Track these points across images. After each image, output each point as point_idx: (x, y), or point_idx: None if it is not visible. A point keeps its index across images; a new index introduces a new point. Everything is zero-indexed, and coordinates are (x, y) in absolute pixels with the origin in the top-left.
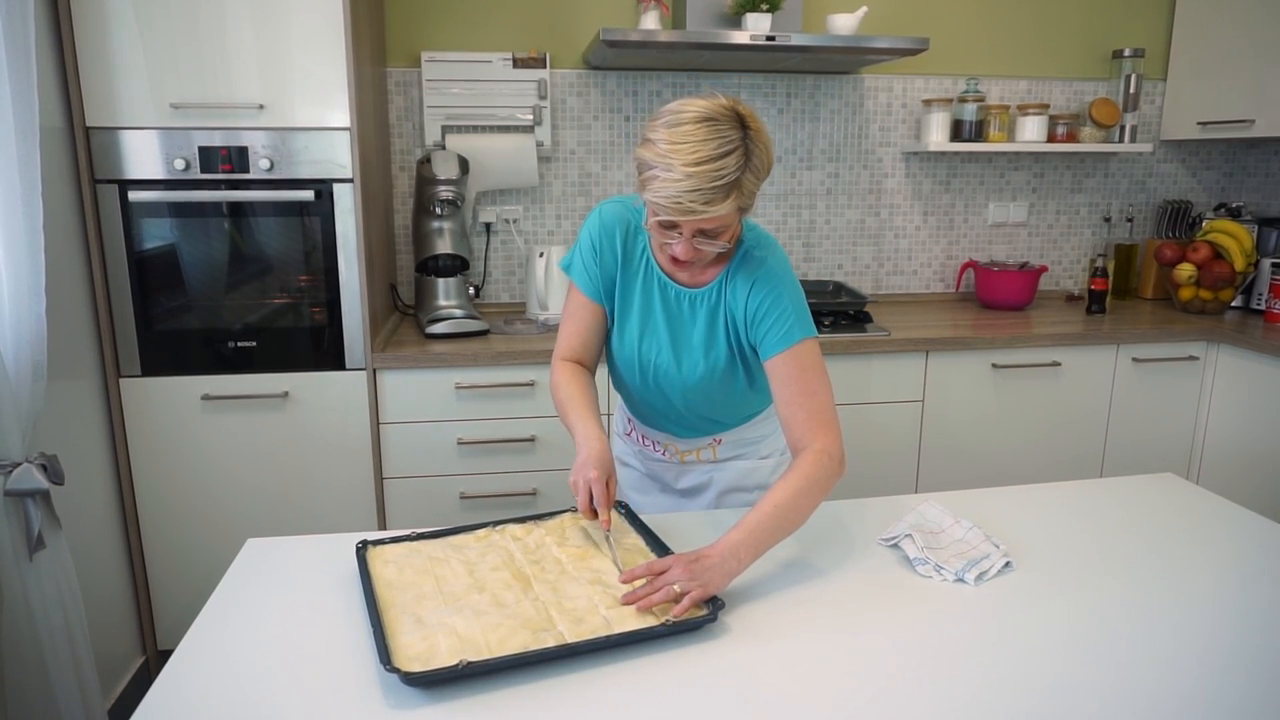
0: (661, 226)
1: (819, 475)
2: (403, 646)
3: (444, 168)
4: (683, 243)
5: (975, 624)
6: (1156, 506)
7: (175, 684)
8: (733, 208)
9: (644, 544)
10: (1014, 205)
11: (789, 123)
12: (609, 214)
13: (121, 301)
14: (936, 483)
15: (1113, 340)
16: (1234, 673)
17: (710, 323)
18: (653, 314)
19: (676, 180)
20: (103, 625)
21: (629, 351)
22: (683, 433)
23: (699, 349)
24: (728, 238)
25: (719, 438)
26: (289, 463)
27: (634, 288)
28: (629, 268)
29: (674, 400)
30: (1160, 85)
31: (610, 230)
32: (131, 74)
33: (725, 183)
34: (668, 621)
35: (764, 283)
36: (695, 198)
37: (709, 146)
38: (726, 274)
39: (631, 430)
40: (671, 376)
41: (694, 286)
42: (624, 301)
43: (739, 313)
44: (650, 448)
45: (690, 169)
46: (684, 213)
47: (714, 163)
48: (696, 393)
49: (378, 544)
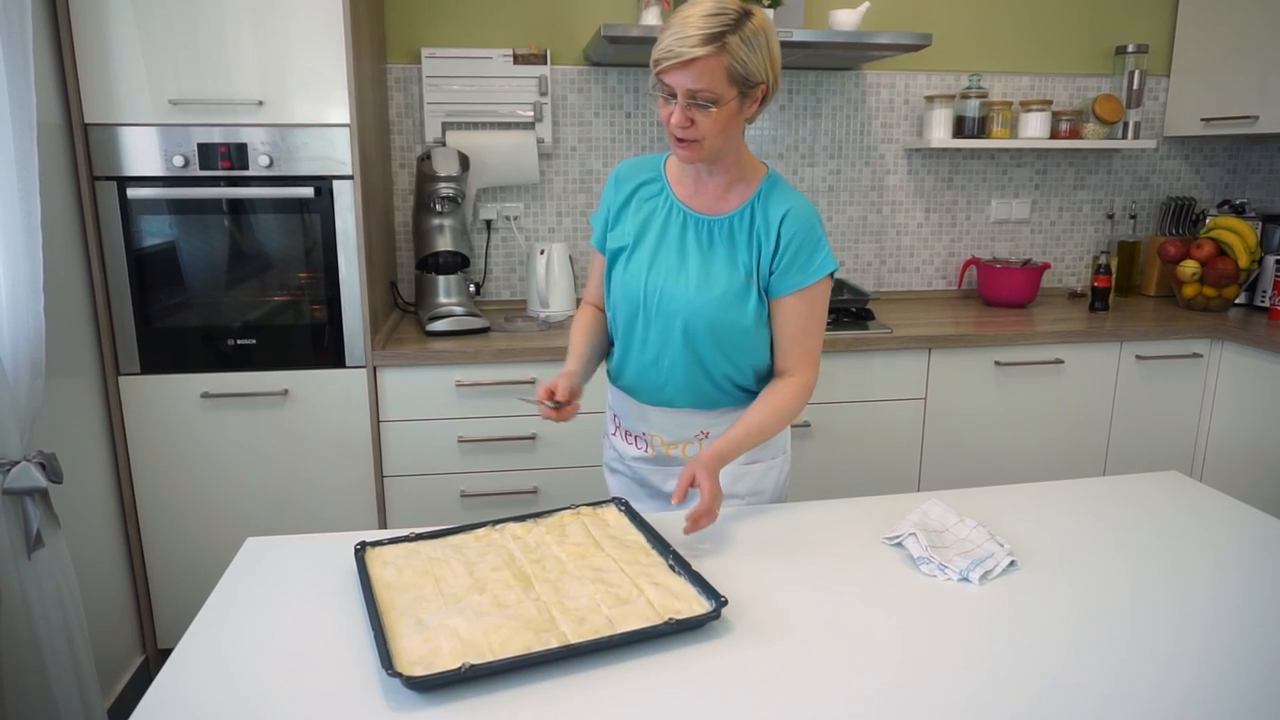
0: (661, 98)
1: (794, 405)
2: (404, 650)
3: (444, 164)
4: (677, 109)
5: (980, 623)
6: (1161, 504)
7: (174, 684)
8: (714, 59)
9: (645, 540)
10: (1017, 202)
11: (791, 119)
12: (625, 165)
13: (120, 299)
14: (939, 481)
15: (1116, 338)
16: (1240, 670)
17: (731, 247)
18: (666, 243)
19: (673, 31)
20: (102, 624)
21: (634, 282)
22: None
23: (719, 271)
24: (722, 117)
25: (705, 431)
26: (289, 461)
27: (653, 222)
28: (645, 206)
29: (673, 338)
30: (1164, 81)
31: (624, 180)
32: (130, 70)
33: (712, 32)
34: (671, 620)
35: (797, 216)
36: (685, 41)
37: (702, 7)
38: (756, 199)
39: (616, 429)
40: (678, 300)
41: (715, 214)
42: (640, 234)
43: (769, 237)
44: (633, 444)
45: (686, 18)
46: (673, 58)
47: (703, 18)
48: (701, 319)
49: (376, 545)
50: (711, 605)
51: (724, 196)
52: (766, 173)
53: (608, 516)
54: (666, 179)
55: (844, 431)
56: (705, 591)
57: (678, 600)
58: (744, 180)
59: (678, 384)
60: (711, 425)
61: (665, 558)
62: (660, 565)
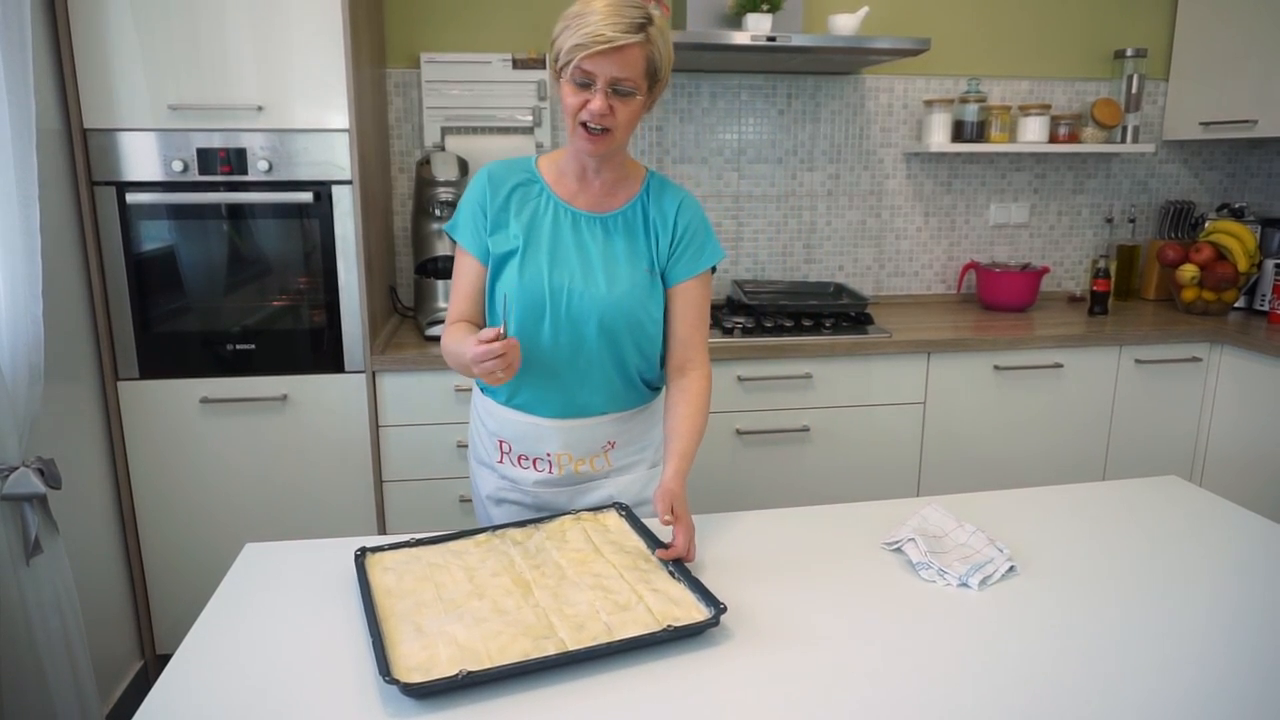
0: (577, 87)
1: (709, 399)
2: (402, 656)
3: (443, 169)
4: (598, 96)
5: (979, 629)
6: (1160, 509)
7: (173, 690)
8: (643, 47)
9: (645, 546)
10: (1015, 206)
11: (790, 124)
12: (497, 167)
13: (119, 304)
14: (938, 485)
15: (1115, 341)
16: (1239, 675)
17: (630, 240)
18: (561, 243)
19: (595, 18)
20: (101, 629)
21: (536, 285)
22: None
23: (621, 265)
24: (637, 108)
25: (612, 441)
26: (288, 466)
27: (542, 223)
28: (526, 207)
29: (588, 336)
30: (1162, 85)
31: (500, 181)
32: (129, 75)
33: (637, 21)
34: (669, 627)
35: (690, 206)
36: (613, 27)
37: None
38: (645, 194)
39: (504, 456)
40: (589, 299)
41: (603, 211)
42: (529, 236)
43: (665, 228)
44: (532, 468)
45: (605, 8)
46: (603, 42)
47: (626, 7)
48: (616, 314)
49: (377, 551)
50: (710, 612)
51: (610, 194)
52: (647, 170)
53: (608, 521)
54: (544, 180)
55: (843, 436)
56: (704, 598)
57: (677, 607)
58: (627, 178)
59: (591, 387)
60: (618, 434)
61: (665, 564)
62: (660, 571)
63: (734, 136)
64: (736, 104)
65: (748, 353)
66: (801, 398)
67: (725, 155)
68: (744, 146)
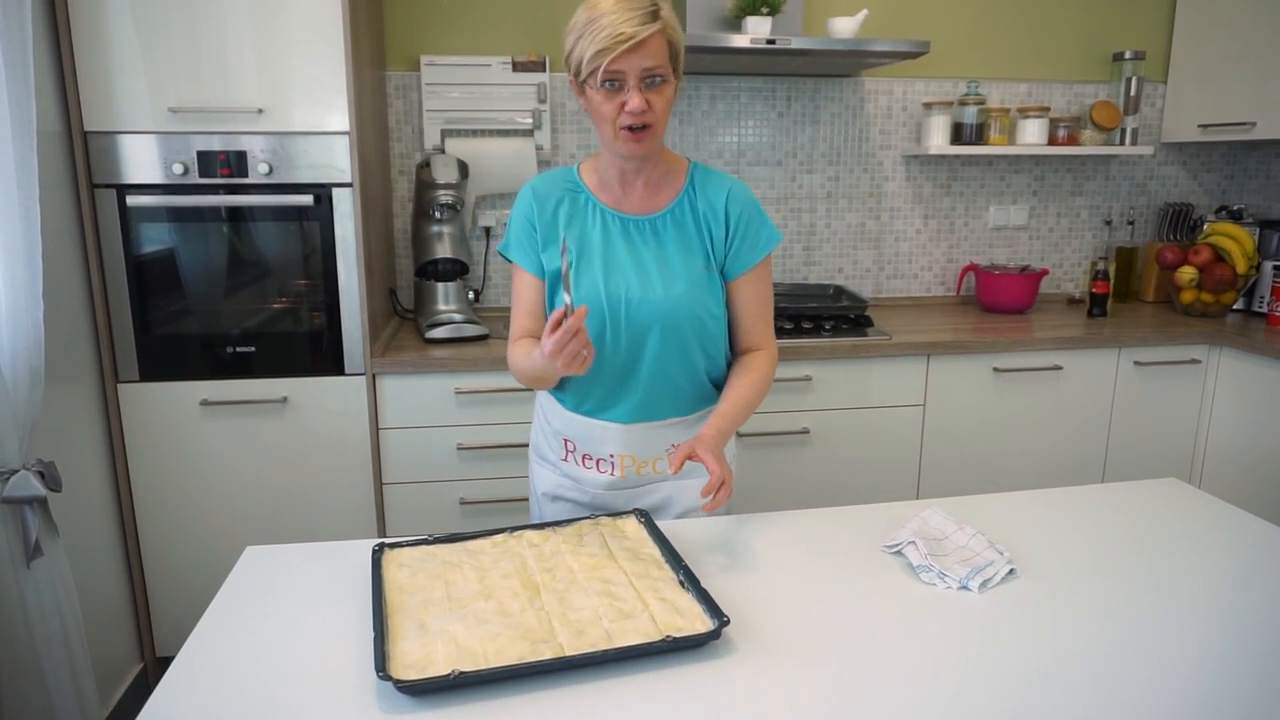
0: (608, 91)
1: (770, 375)
2: (401, 653)
3: (443, 172)
4: (633, 92)
5: (980, 632)
6: (1160, 511)
7: (174, 693)
8: (663, 39)
9: (660, 554)
10: (1015, 208)
11: (789, 126)
12: (540, 181)
13: (119, 306)
14: (938, 488)
15: (1114, 343)
16: (1239, 677)
17: (682, 239)
18: (615, 251)
19: (609, 21)
20: (100, 632)
21: (594, 297)
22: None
23: (677, 266)
24: (670, 95)
25: (675, 444)
26: (288, 469)
27: (591, 235)
28: (576, 219)
29: (650, 343)
30: (1161, 88)
31: (545, 196)
32: (130, 78)
33: (650, 9)
34: (668, 638)
35: (739, 194)
36: (629, 22)
37: None
38: (689, 190)
39: (569, 454)
40: (649, 304)
41: (650, 213)
42: (581, 248)
43: (718, 221)
44: (595, 468)
45: (614, 7)
46: (625, 40)
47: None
48: (677, 317)
49: (395, 547)
50: (714, 624)
51: (656, 194)
52: (689, 163)
53: (627, 528)
54: (587, 188)
55: (843, 438)
56: (710, 609)
57: (681, 617)
58: (670, 173)
59: (658, 393)
60: (683, 437)
61: (677, 573)
62: (670, 580)
63: (734, 139)
64: (736, 106)
65: None
66: (801, 400)
67: (725, 158)
68: (744, 149)
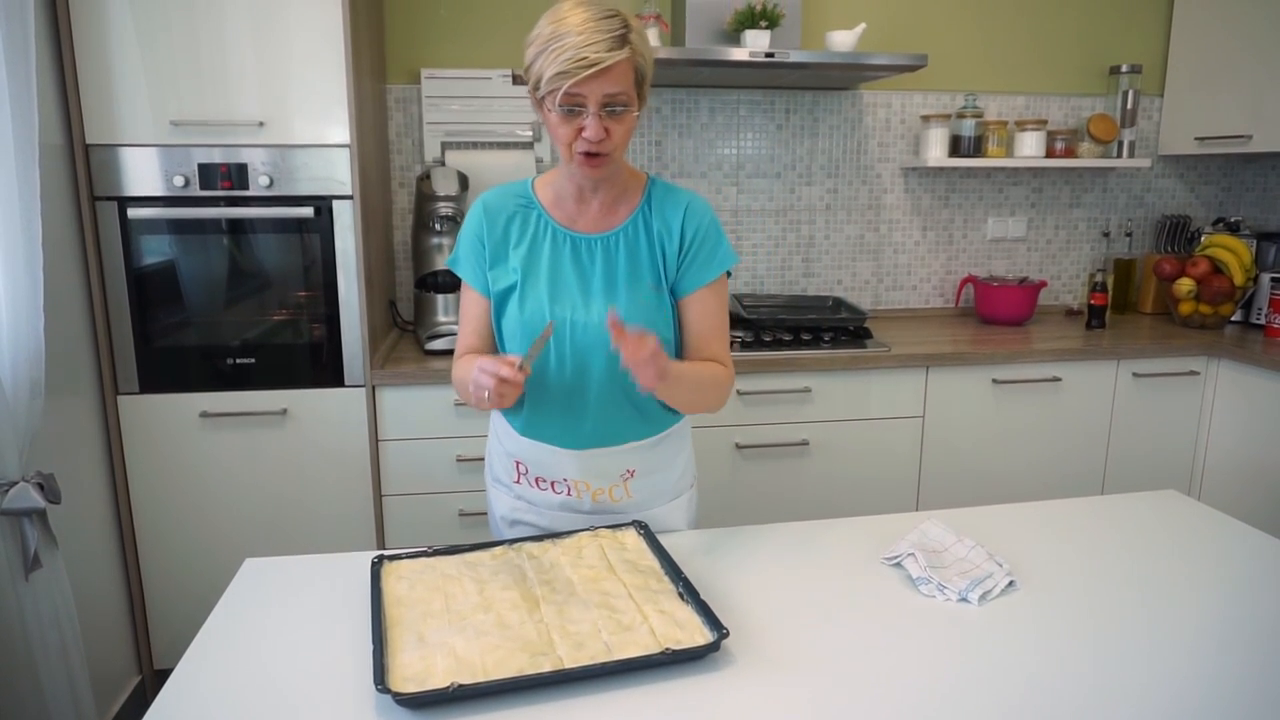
0: (566, 115)
1: (724, 384)
2: (400, 666)
3: (444, 184)
4: (592, 119)
5: (980, 645)
6: (1159, 524)
7: (172, 706)
8: (629, 59)
9: (659, 566)
10: (1013, 220)
11: (788, 138)
12: (492, 196)
13: (120, 318)
14: (937, 499)
15: (1113, 355)
16: (1241, 690)
17: (633, 259)
18: (562, 272)
19: (572, 42)
20: (98, 644)
21: (538, 319)
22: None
23: (622, 287)
24: (631, 121)
25: (631, 469)
26: (287, 480)
27: (540, 254)
28: (525, 237)
29: (596, 367)
30: (1157, 101)
31: (496, 212)
32: (132, 91)
33: (618, 33)
34: (668, 650)
35: (697, 210)
36: (595, 47)
37: (590, 11)
38: (645, 207)
39: (521, 476)
40: (592, 328)
41: (603, 231)
42: (528, 268)
43: (671, 238)
44: (550, 490)
45: (580, 27)
46: (588, 66)
47: (600, 21)
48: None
49: (394, 559)
50: (714, 637)
51: (611, 212)
52: (648, 178)
53: (626, 540)
54: (540, 204)
55: (842, 450)
56: (709, 621)
57: (680, 630)
58: (628, 191)
59: (606, 418)
60: (639, 462)
61: (676, 585)
62: (669, 592)
63: (733, 151)
64: (735, 119)
65: (747, 367)
66: (800, 411)
67: (724, 170)
68: (743, 161)
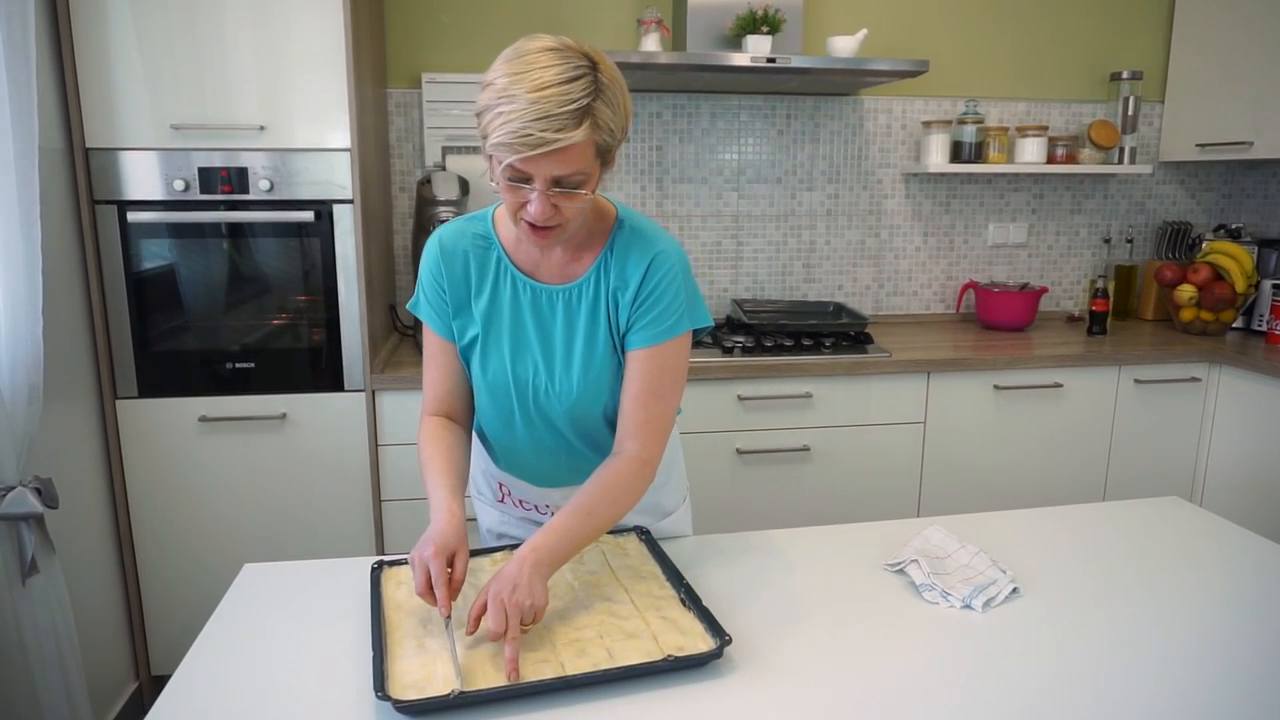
0: (511, 184)
1: (632, 485)
2: (400, 673)
3: (444, 189)
4: (538, 197)
5: (983, 652)
6: (1162, 530)
7: (169, 713)
8: (587, 138)
9: (661, 572)
10: (1014, 226)
11: (789, 144)
12: (448, 235)
13: (119, 322)
14: (938, 505)
15: (1114, 361)
16: (1243, 696)
17: (592, 316)
18: (523, 327)
19: (521, 110)
20: (96, 650)
21: (501, 378)
22: (574, 480)
23: (581, 347)
24: (588, 191)
25: None
26: (287, 485)
27: (501, 302)
28: (485, 283)
29: (561, 427)
30: (1158, 107)
31: (452, 251)
32: (132, 95)
33: (576, 107)
34: (670, 657)
35: (662, 265)
36: (544, 125)
37: (553, 72)
38: (606, 255)
39: (505, 497)
40: (554, 394)
41: (565, 282)
42: (489, 321)
43: (625, 289)
44: (533, 512)
45: (535, 94)
46: (534, 146)
47: (560, 86)
48: (585, 405)
49: (394, 565)
50: (716, 644)
51: (576, 258)
52: (616, 217)
53: (628, 546)
54: (500, 244)
55: (843, 456)
56: (712, 629)
57: (683, 636)
58: (594, 234)
59: (577, 469)
60: None
61: (678, 591)
62: (672, 599)
63: (733, 156)
64: (736, 124)
65: (747, 372)
66: (801, 417)
67: (725, 175)
68: (743, 166)
